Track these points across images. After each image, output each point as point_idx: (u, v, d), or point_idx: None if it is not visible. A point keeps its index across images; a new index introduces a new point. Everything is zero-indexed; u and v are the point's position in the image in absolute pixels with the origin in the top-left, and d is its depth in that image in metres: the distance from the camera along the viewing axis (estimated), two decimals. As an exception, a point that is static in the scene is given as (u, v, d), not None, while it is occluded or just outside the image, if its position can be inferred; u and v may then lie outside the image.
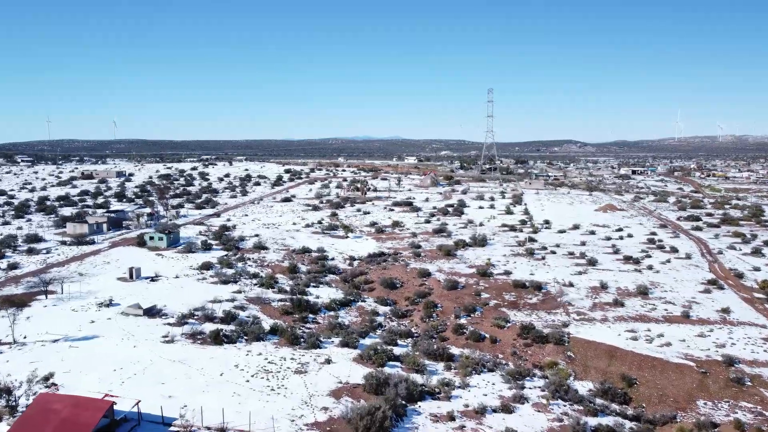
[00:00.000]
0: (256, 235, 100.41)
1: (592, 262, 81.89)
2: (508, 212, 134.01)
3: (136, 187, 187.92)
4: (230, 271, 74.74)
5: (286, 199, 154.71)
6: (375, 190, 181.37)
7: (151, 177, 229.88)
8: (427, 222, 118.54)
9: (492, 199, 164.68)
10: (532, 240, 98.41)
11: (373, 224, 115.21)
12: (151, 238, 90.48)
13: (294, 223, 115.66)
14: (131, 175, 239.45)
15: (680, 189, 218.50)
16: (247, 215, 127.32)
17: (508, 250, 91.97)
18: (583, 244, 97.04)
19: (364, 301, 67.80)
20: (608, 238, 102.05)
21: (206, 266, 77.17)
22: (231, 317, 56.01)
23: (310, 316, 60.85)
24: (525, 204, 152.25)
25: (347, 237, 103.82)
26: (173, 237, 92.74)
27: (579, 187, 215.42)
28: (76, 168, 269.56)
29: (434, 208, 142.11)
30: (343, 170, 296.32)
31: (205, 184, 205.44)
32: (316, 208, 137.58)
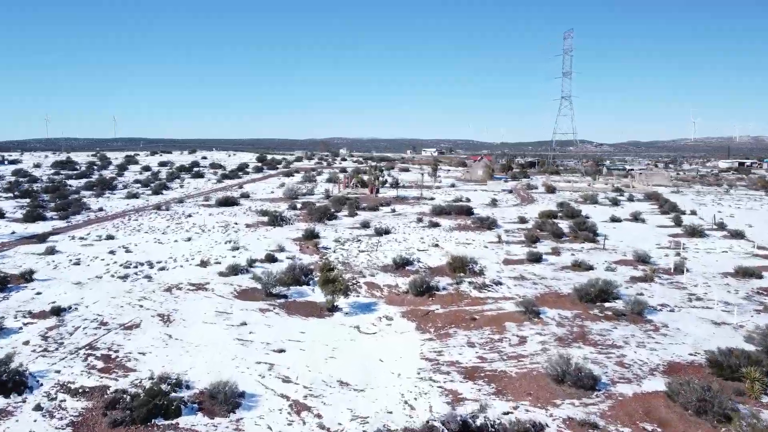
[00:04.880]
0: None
1: None
2: (694, 232, 69.81)
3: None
4: None
5: (226, 202, 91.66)
6: (396, 185, 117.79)
7: (38, 165, 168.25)
8: (536, 260, 54.78)
9: (615, 203, 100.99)
10: None
11: (401, 265, 51.94)
12: None
13: (203, 263, 52.59)
14: (14, 162, 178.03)
15: None
16: (87, 243, 64.37)
17: None
18: None
19: None
20: None
21: None
22: None
23: None
24: (694, 213, 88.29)
25: (331, 313, 40.79)
26: None
27: (712, 184, 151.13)
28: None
29: (521, 219, 78.63)
30: (344, 159, 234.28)
31: (112, 175, 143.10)
32: (276, 221, 74.38)
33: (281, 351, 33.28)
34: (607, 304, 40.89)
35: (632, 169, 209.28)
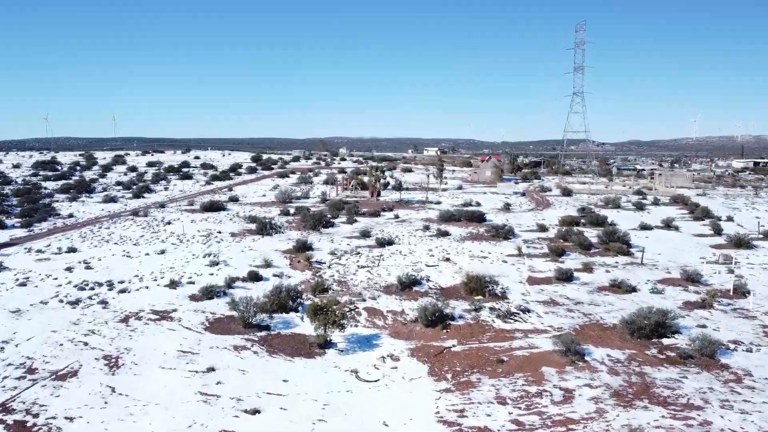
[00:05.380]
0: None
1: None
2: (740, 242, 62.22)
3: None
4: None
5: (212, 207, 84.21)
6: (399, 188, 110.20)
7: (17, 165, 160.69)
8: (566, 279, 47.29)
9: (640, 207, 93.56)
10: None
11: (407, 285, 44.47)
12: None
13: (173, 283, 45.20)
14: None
15: None
16: (43, 257, 57.02)
17: None
18: None
19: None
20: None
21: None
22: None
23: None
24: (731, 219, 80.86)
25: (323, 350, 33.44)
26: None
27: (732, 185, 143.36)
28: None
29: (540, 227, 71.20)
30: (343, 159, 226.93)
31: (94, 177, 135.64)
32: (265, 230, 66.98)
33: (255, 412, 25.88)
34: (665, 341, 33.47)
35: (643, 170, 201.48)
